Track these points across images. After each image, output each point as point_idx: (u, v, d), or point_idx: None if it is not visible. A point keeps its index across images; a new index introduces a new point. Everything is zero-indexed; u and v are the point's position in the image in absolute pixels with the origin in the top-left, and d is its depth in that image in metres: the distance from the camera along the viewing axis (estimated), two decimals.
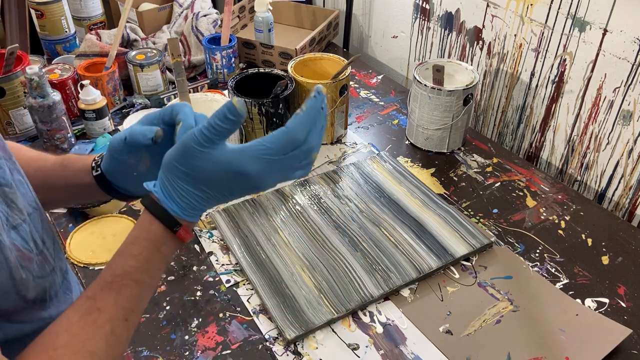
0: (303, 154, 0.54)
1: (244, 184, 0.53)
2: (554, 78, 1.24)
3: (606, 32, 1.10)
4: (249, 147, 0.52)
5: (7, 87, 1.23)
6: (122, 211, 1.11)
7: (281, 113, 1.18)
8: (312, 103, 0.53)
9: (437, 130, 1.25)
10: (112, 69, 1.38)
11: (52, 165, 0.70)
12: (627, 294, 0.95)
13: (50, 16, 1.52)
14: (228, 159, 0.52)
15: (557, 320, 0.90)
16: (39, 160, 0.71)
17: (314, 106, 0.53)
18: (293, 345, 0.87)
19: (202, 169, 0.52)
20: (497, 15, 1.31)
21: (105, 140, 1.25)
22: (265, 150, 0.52)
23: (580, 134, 1.23)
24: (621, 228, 1.08)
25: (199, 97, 1.16)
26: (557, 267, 1.00)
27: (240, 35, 1.59)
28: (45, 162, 0.71)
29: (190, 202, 0.54)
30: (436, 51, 1.53)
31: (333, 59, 1.31)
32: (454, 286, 0.96)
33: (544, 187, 1.18)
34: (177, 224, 0.55)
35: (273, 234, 1.05)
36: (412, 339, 0.88)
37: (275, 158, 0.52)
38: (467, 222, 1.07)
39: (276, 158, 0.52)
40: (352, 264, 0.99)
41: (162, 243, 0.56)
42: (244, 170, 0.52)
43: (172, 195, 0.54)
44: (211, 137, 0.51)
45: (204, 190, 0.54)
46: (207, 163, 0.52)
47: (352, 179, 1.19)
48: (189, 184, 0.53)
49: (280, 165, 0.53)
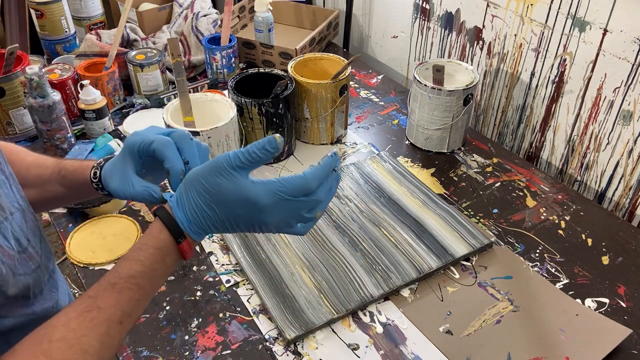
0: (310, 203, 0.58)
1: (251, 215, 0.57)
2: (554, 78, 1.24)
3: (606, 32, 1.10)
4: (268, 182, 0.56)
5: (7, 87, 1.23)
6: (122, 211, 1.11)
7: (281, 113, 1.18)
8: (328, 160, 0.58)
9: (437, 130, 1.25)
10: (112, 69, 1.38)
11: (51, 174, 0.72)
12: (627, 294, 0.95)
13: (50, 16, 1.52)
14: (247, 186, 0.56)
15: (557, 320, 0.90)
16: (37, 167, 0.72)
17: (329, 163, 0.58)
18: (293, 345, 0.87)
19: (223, 190, 0.56)
20: (497, 15, 1.31)
21: (105, 140, 1.25)
22: (280, 188, 0.56)
23: (580, 134, 1.23)
24: (621, 228, 1.08)
25: (199, 97, 1.16)
26: (557, 267, 1.00)
27: (240, 35, 1.59)
28: (44, 169, 0.72)
29: (198, 217, 0.57)
30: (436, 51, 1.53)
31: (333, 59, 1.31)
32: (454, 286, 0.96)
33: (544, 187, 1.18)
34: (182, 236, 0.58)
35: (273, 234, 1.05)
36: (412, 339, 0.88)
37: (286, 197, 0.56)
38: (467, 222, 1.07)
39: (287, 197, 0.56)
40: (352, 264, 0.99)
41: (167, 253, 0.58)
42: (256, 200, 0.56)
43: (185, 208, 0.58)
44: (244, 163, 0.55)
45: (214, 210, 0.57)
46: (229, 184, 0.55)
47: (352, 179, 1.19)
48: (204, 202, 0.57)
49: (288, 206, 0.57)
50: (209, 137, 1.06)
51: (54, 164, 0.72)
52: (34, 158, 0.74)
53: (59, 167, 0.72)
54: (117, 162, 0.66)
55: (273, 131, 1.20)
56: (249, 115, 1.17)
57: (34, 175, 0.71)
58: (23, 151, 0.75)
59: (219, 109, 1.16)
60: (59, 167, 0.72)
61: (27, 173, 0.71)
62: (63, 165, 0.72)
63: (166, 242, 0.58)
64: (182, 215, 0.57)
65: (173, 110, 1.11)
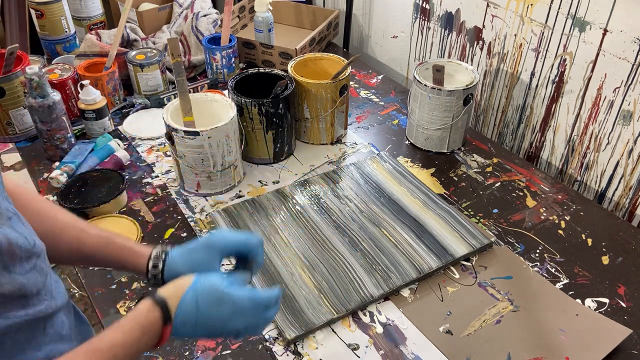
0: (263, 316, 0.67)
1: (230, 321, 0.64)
2: (554, 78, 1.24)
3: (606, 32, 1.10)
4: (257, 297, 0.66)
5: (7, 87, 1.23)
6: (122, 211, 1.11)
7: (281, 113, 1.18)
8: (277, 292, 0.68)
9: (437, 130, 1.25)
10: (112, 69, 1.38)
11: (95, 245, 0.72)
12: (627, 294, 0.95)
13: (50, 16, 1.53)
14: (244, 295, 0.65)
15: (557, 320, 0.90)
16: (75, 228, 0.73)
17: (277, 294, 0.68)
18: (293, 345, 0.87)
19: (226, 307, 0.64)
20: (497, 15, 1.31)
21: (105, 140, 1.25)
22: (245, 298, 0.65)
23: (580, 134, 1.23)
24: (621, 228, 1.08)
25: (199, 97, 1.16)
26: (557, 267, 1.00)
27: (240, 35, 1.59)
28: (87, 236, 0.72)
29: (186, 317, 0.62)
30: (436, 51, 1.53)
31: (333, 59, 1.31)
32: (454, 286, 0.96)
33: (544, 187, 1.18)
34: (169, 320, 0.61)
35: (273, 234, 1.05)
36: (412, 339, 0.88)
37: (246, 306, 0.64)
38: (467, 222, 1.07)
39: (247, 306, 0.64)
40: (352, 264, 0.99)
41: (148, 330, 0.61)
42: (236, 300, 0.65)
43: (186, 309, 0.62)
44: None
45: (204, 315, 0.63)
46: (231, 302, 0.64)
47: (352, 179, 1.19)
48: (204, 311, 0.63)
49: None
50: (209, 137, 1.07)
51: (98, 235, 0.73)
52: (70, 219, 0.74)
53: (106, 241, 0.72)
54: (200, 259, 0.70)
55: (273, 131, 1.20)
56: (249, 115, 1.17)
57: (72, 237, 0.72)
58: (56, 208, 0.74)
59: (219, 109, 1.16)
60: (106, 241, 0.72)
61: (62, 231, 0.71)
62: (111, 241, 0.72)
63: (153, 321, 0.60)
64: (179, 311, 0.61)
65: (173, 110, 1.11)
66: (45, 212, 0.72)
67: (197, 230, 1.07)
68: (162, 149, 1.29)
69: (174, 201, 1.14)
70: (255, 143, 1.21)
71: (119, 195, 1.10)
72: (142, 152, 1.28)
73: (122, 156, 1.22)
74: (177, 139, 1.07)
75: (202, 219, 1.10)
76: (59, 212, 0.74)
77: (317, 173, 1.22)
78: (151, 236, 1.06)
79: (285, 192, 1.15)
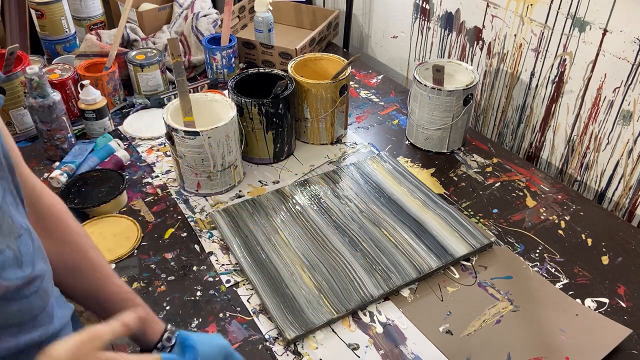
0: None
1: None
2: (554, 78, 1.24)
3: (606, 32, 1.10)
4: None
5: (7, 87, 1.23)
6: (122, 211, 1.11)
7: (281, 113, 1.18)
8: None
9: (437, 130, 1.25)
10: (112, 69, 1.38)
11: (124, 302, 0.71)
12: (627, 294, 0.95)
13: (50, 16, 1.53)
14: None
15: (557, 320, 0.90)
16: (123, 287, 0.72)
17: None
18: (293, 345, 0.87)
19: None
20: (497, 15, 1.31)
21: (105, 140, 1.25)
22: None
23: (580, 134, 1.23)
24: (621, 228, 1.08)
25: (199, 97, 1.16)
26: (557, 267, 1.00)
27: (240, 35, 1.59)
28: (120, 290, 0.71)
29: None
30: (436, 51, 1.53)
31: (333, 59, 1.31)
32: (454, 286, 0.96)
33: (544, 187, 1.18)
34: None
35: (273, 234, 1.05)
36: (412, 339, 0.88)
37: None
38: (467, 222, 1.07)
39: None
40: (352, 264, 0.99)
41: None
42: None
43: None
44: None
45: None
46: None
47: (352, 179, 1.19)
48: None
49: None
50: (209, 137, 1.07)
51: (132, 300, 0.71)
52: (117, 282, 0.72)
53: (133, 303, 0.71)
54: None
55: (273, 131, 1.20)
56: (249, 115, 1.17)
57: (115, 292, 0.70)
58: (104, 263, 0.72)
59: (219, 109, 1.16)
60: (133, 303, 0.71)
61: (94, 272, 0.70)
62: (138, 304, 0.71)
63: None
64: None
65: (173, 110, 1.11)
66: (80, 247, 0.70)
67: (197, 230, 1.07)
68: (162, 149, 1.29)
69: (174, 201, 1.14)
70: (255, 143, 1.22)
71: (119, 195, 1.10)
72: (142, 152, 1.28)
73: (122, 156, 1.22)
74: (177, 139, 1.07)
75: (202, 218, 1.10)
76: (91, 250, 0.71)
77: (317, 173, 1.22)
78: (151, 236, 1.06)
79: (285, 192, 1.15)
